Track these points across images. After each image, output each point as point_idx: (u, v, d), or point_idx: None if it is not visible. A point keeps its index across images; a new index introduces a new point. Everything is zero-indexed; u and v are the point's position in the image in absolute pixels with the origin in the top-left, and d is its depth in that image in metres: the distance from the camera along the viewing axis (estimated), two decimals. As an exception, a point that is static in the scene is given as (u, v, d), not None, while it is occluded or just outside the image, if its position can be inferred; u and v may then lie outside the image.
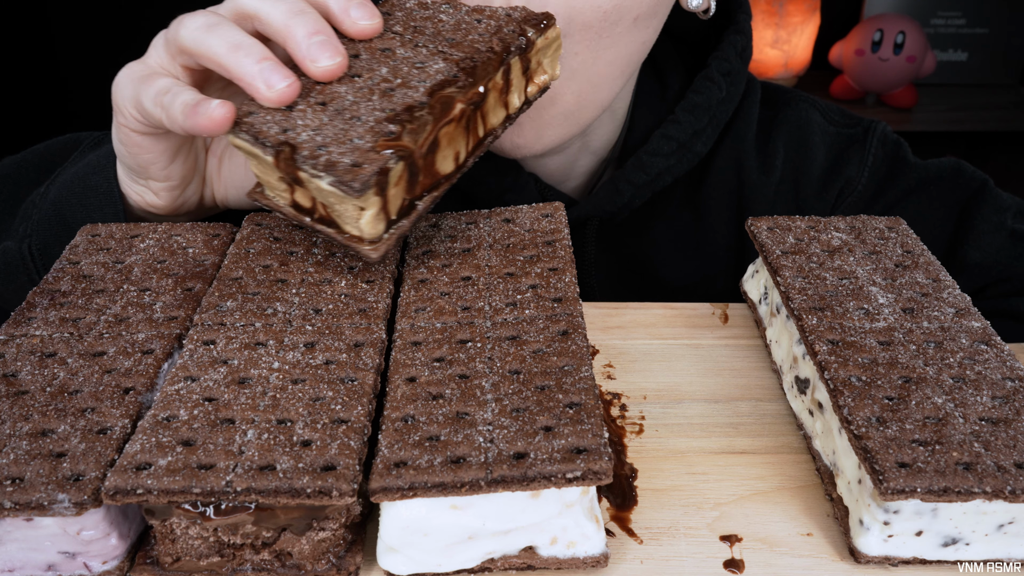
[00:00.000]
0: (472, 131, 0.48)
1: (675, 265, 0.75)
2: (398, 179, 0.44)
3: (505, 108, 0.51)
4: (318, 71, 0.46)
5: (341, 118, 0.44)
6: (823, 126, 0.75)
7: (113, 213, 0.57)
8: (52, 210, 0.60)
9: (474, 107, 0.47)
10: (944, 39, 2.06)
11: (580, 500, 0.37)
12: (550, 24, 0.50)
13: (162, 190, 0.56)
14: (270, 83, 0.45)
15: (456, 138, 0.47)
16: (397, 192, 0.44)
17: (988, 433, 0.38)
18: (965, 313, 0.46)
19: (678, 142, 0.67)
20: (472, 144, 0.49)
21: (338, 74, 0.47)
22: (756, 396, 0.50)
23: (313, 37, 0.46)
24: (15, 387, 0.41)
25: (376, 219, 0.44)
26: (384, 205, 0.44)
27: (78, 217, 0.58)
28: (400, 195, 0.45)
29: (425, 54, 0.48)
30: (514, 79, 0.50)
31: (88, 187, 0.59)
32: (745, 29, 0.70)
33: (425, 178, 0.46)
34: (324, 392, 0.39)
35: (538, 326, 0.44)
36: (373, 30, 0.49)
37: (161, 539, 0.37)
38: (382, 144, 0.42)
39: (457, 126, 0.46)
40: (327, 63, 0.46)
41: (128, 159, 0.54)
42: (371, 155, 0.42)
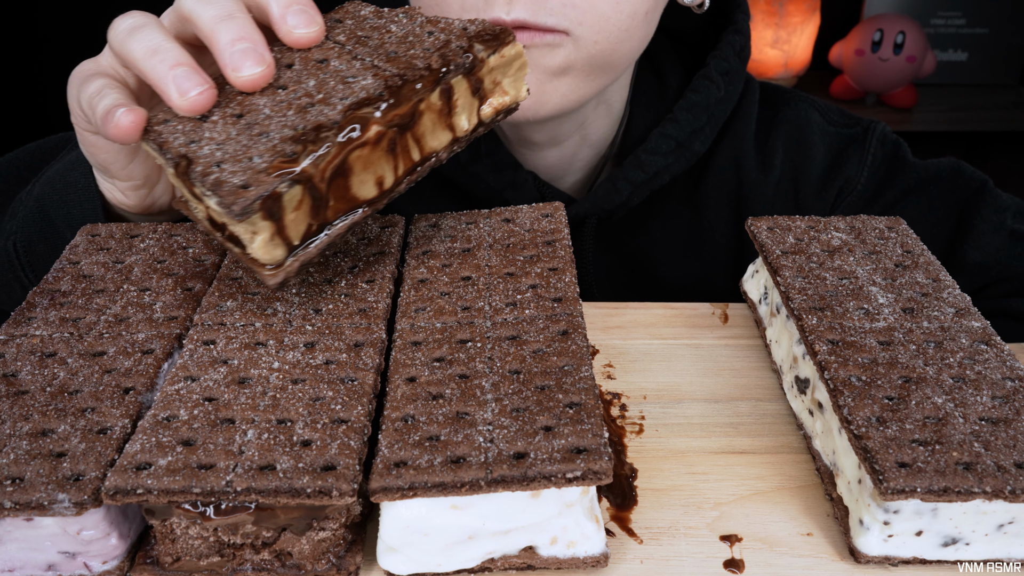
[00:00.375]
0: (402, 154, 0.45)
1: (674, 264, 0.75)
2: (297, 203, 0.41)
3: (451, 131, 0.47)
4: (239, 81, 0.44)
5: (248, 133, 0.42)
6: (822, 126, 0.75)
7: (92, 210, 0.57)
8: (36, 207, 0.60)
9: (399, 129, 0.44)
10: (944, 39, 2.06)
11: (580, 500, 0.37)
12: (507, 41, 0.46)
13: (127, 189, 0.55)
14: (182, 90, 0.44)
15: (376, 161, 0.44)
16: (299, 217, 0.41)
17: (988, 433, 0.38)
18: (965, 313, 0.46)
19: (676, 141, 0.67)
20: (403, 168, 0.45)
21: (260, 85, 0.44)
22: (756, 396, 0.50)
23: (237, 44, 0.44)
24: (15, 387, 0.41)
25: (269, 244, 0.41)
26: (280, 231, 0.41)
27: (60, 214, 0.58)
28: (303, 220, 0.42)
29: (358, 68, 0.45)
30: (460, 100, 0.46)
31: (68, 184, 0.59)
32: (743, 29, 0.70)
33: (338, 202, 0.43)
34: (324, 392, 0.39)
35: (538, 326, 0.44)
36: (310, 39, 0.47)
37: (161, 539, 0.37)
38: (275, 167, 0.40)
39: (375, 149, 0.43)
40: (248, 73, 0.44)
41: (90, 158, 0.54)
42: (262, 177, 0.39)
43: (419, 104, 0.44)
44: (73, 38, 1.95)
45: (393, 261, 0.50)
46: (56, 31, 1.98)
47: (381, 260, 0.50)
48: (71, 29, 1.96)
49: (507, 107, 0.49)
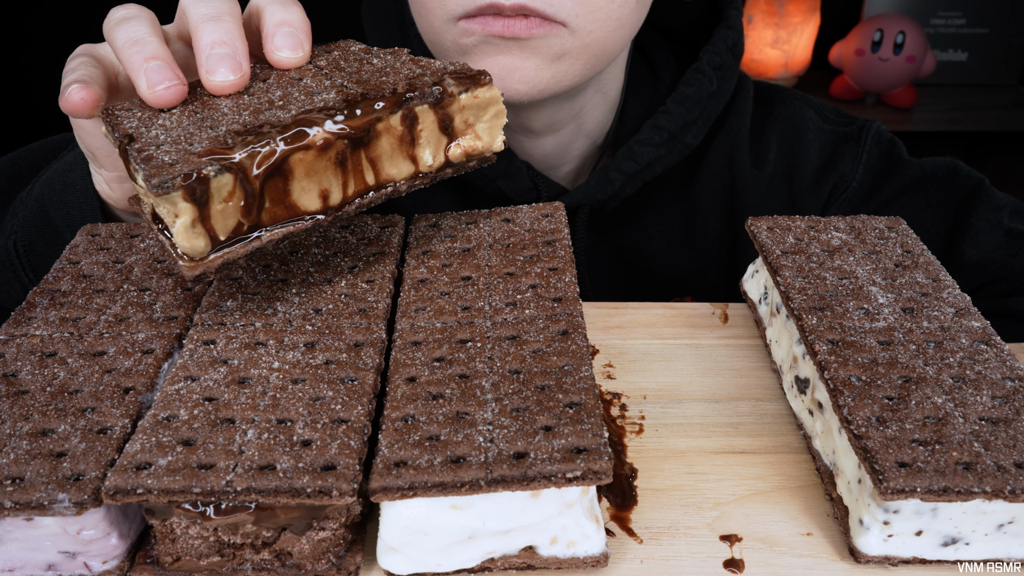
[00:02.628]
0: (354, 172, 0.44)
1: (666, 257, 0.76)
2: (227, 195, 0.40)
3: (413, 163, 0.46)
4: (210, 83, 0.44)
5: (200, 124, 0.42)
6: (817, 123, 0.76)
7: (90, 209, 0.58)
8: (35, 207, 0.60)
9: (352, 143, 0.43)
10: (944, 39, 2.05)
11: (580, 500, 0.37)
12: (482, 83, 0.46)
13: (112, 181, 0.56)
14: (151, 82, 0.44)
15: (322, 172, 0.43)
16: (227, 211, 0.41)
17: (988, 433, 0.38)
18: (965, 313, 0.46)
19: (668, 132, 0.68)
20: (355, 187, 0.45)
21: (230, 91, 0.45)
22: (756, 396, 0.50)
23: (216, 48, 0.44)
24: (15, 387, 0.41)
25: (190, 231, 0.40)
26: (203, 220, 0.40)
27: (59, 213, 0.59)
28: (232, 215, 0.41)
29: (327, 86, 0.45)
30: (424, 132, 0.46)
31: (67, 184, 0.59)
32: (736, 25, 0.71)
33: (275, 207, 0.42)
34: (324, 392, 0.39)
35: (538, 326, 0.44)
36: (292, 63, 0.47)
37: (161, 539, 0.37)
38: (207, 151, 0.40)
39: (320, 157, 0.43)
40: (220, 78, 0.44)
41: (80, 144, 0.54)
42: (191, 159, 0.39)
43: (376, 123, 0.44)
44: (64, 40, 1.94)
45: (393, 261, 0.50)
46: (47, 33, 1.98)
47: (381, 260, 0.50)
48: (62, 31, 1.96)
49: (480, 153, 0.49)
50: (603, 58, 0.62)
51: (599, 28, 0.59)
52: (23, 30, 1.97)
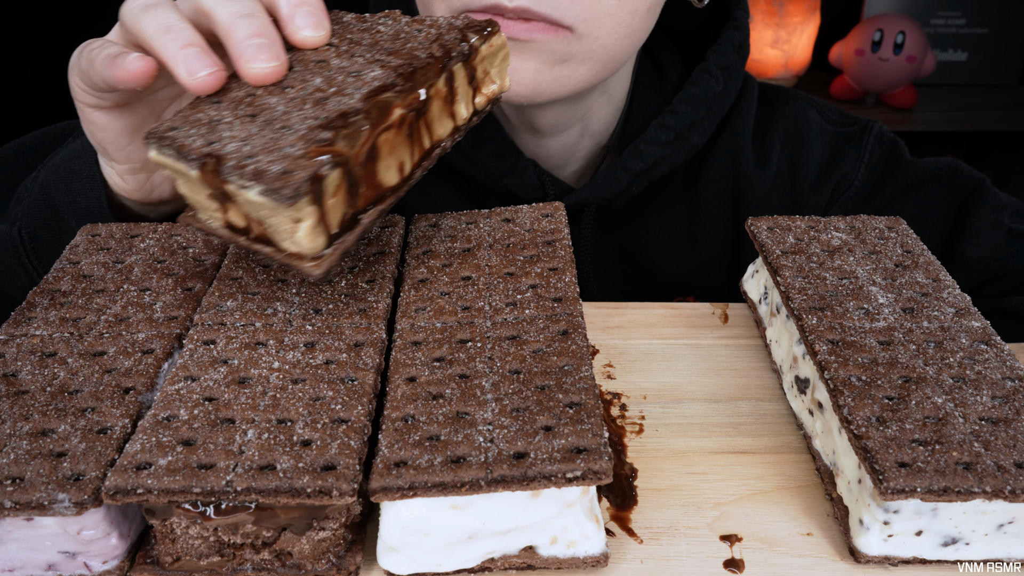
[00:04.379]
0: (417, 140, 0.46)
1: (670, 256, 0.76)
2: (336, 188, 0.41)
3: (452, 119, 0.48)
4: (251, 72, 0.44)
5: (271, 128, 0.42)
6: (820, 124, 0.76)
7: (96, 198, 0.57)
8: (41, 194, 0.60)
9: (416, 114, 0.44)
10: (944, 39, 2.05)
11: (580, 500, 0.37)
12: (494, 31, 0.48)
13: (125, 173, 0.56)
14: (191, 69, 0.44)
15: (398, 147, 0.44)
16: (337, 203, 0.41)
17: (988, 433, 0.38)
18: (965, 313, 0.46)
19: (675, 132, 0.68)
20: (418, 155, 0.46)
21: (273, 79, 0.44)
22: (756, 396, 0.50)
23: (252, 39, 0.44)
24: (15, 387, 0.41)
25: (314, 232, 0.41)
26: (322, 217, 0.41)
27: (64, 201, 0.59)
28: (340, 207, 0.42)
29: (362, 63, 0.45)
30: (459, 88, 0.47)
31: (73, 171, 0.59)
32: (743, 25, 0.71)
33: (368, 190, 0.43)
34: (324, 392, 0.39)
35: (538, 326, 0.44)
36: (316, 41, 0.47)
37: (161, 539, 0.37)
38: (314, 151, 0.40)
39: (398, 134, 0.44)
40: (260, 66, 0.44)
41: (90, 137, 0.54)
42: (302, 162, 0.39)
43: (430, 89, 0.45)
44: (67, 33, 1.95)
45: (393, 261, 0.50)
46: (50, 28, 1.98)
47: (381, 260, 0.50)
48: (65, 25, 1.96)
49: (495, 95, 0.50)
50: (610, 65, 0.62)
51: (607, 35, 0.59)
52: (26, 25, 1.98)
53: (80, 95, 0.51)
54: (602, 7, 0.57)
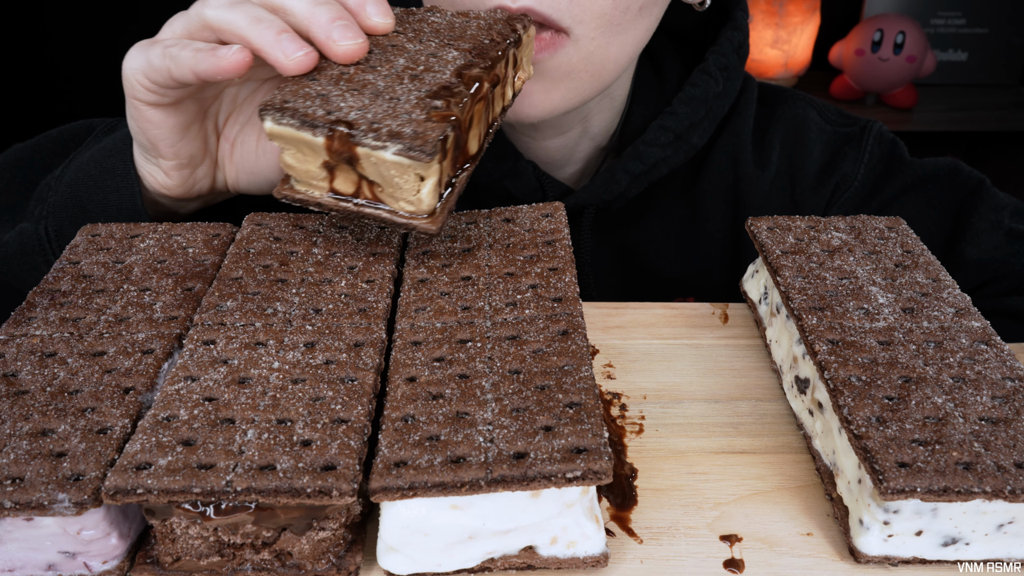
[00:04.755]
0: (490, 115, 0.50)
1: (670, 257, 0.76)
2: (450, 151, 0.45)
3: (502, 99, 0.53)
4: (341, 50, 0.48)
5: (382, 98, 0.45)
6: (820, 124, 0.76)
7: (129, 195, 0.58)
8: (68, 192, 0.61)
9: (491, 89, 0.49)
10: (944, 39, 2.05)
11: (580, 500, 0.37)
12: (530, 23, 0.54)
13: (171, 169, 0.57)
14: (287, 52, 0.47)
15: (480, 119, 0.49)
16: (447, 165, 0.45)
17: (988, 433, 0.38)
18: (965, 313, 0.46)
19: (675, 133, 0.68)
20: (485, 129, 0.51)
21: (360, 55, 0.48)
22: (756, 396, 0.50)
23: (336, 21, 0.48)
24: (15, 387, 0.41)
25: (435, 189, 0.45)
26: (440, 175, 0.45)
27: (95, 199, 0.59)
28: (448, 169, 0.46)
29: (435, 46, 0.50)
30: (509, 72, 0.52)
31: (104, 169, 0.60)
32: (742, 26, 0.71)
33: (461, 156, 0.48)
34: (324, 392, 0.39)
35: (538, 326, 0.44)
36: (386, 27, 0.51)
37: (161, 539, 0.37)
38: (436, 115, 0.44)
39: (483, 106, 0.48)
40: (349, 43, 0.48)
41: (139, 135, 0.55)
42: (429, 124, 0.43)
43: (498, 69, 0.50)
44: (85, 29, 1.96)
45: (393, 261, 0.50)
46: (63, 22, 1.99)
47: (381, 260, 0.50)
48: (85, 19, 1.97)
49: (524, 81, 0.56)
50: (609, 68, 0.62)
51: (602, 35, 0.59)
52: (40, 22, 1.98)
53: (140, 93, 0.52)
54: (597, 7, 0.57)
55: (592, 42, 0.59)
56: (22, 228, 0.61)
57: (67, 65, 2.02)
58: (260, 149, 0.59)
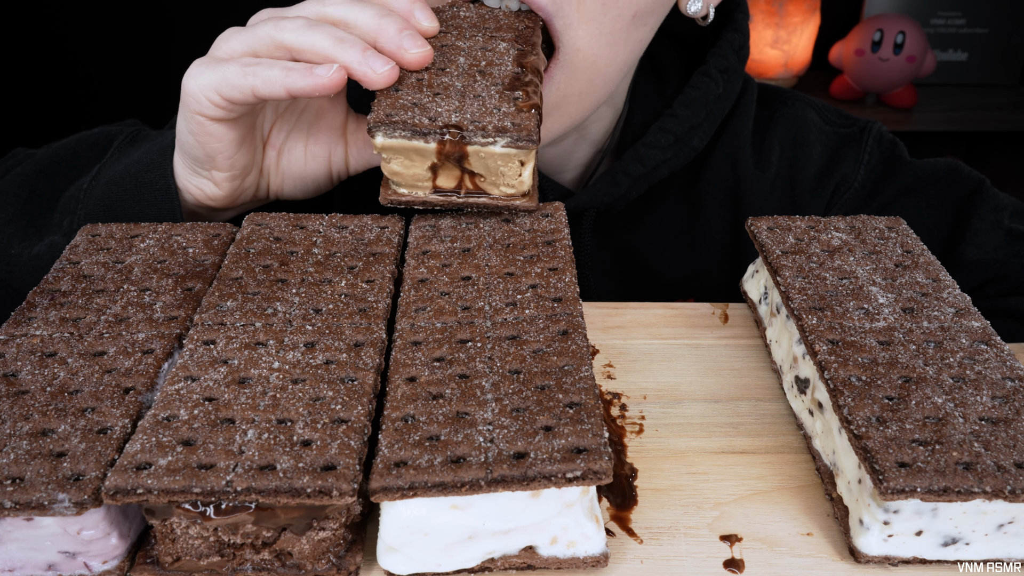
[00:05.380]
0: None
1: (670, 259, 0.76)
2: None
3: None
4: (414, 57, 0.51)
5: (468, 96, 0.50)
6: (819, 125, 0.76)
7: (169, 209, 0.59)
8: (101, 206, 0.61)
9: None
10: (944, 39, 2.05)
11: (580, 500, 0.37)
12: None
13: (224, 180, 0.58)
14: (375, 68, 0.50)
15: None
16: None
17: (988, 433, 0.38)
18: (965, 313, 0.46)
19: (675, 135, 0.68)
20: None
21: (430, 59, 0.52)
22: (756, 396, 0.50)
23: (404, 31, 0.52)
24: (15, 387, 0.41)
25: (534, 171, 0.51)
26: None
27: (131, 213, 0.60)
28: None
29: (482, 40, 0.54)
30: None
31: (142, 184, 0.60)
32: (743, 28, 0.71)
33: None
34: (324, 392, 0.39)
35: (538, 326, 0.44)
36: (434, 31, 0.55)
37: (161, 539, 0.37)
38: (523, 105, 0.49)
39: None
40: (420, 50, 0.52)
41: (196, 149, 0.56)
42: (522, 115, 0.48)
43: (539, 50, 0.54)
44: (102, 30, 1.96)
45: (393, 261, 0.50)
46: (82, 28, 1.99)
47: (381, 260, 0.50)
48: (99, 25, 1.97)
49: None
50: (582, 114, 0.64)
51: (589, 44, 0.59)
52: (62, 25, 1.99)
53: (208, 109, 0.53)
54: (585, 12, 0.57)
55: (578, 53, 0.59)
56: (53, 241, 0.61)
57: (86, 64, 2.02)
58: (309, 154, 0.61)
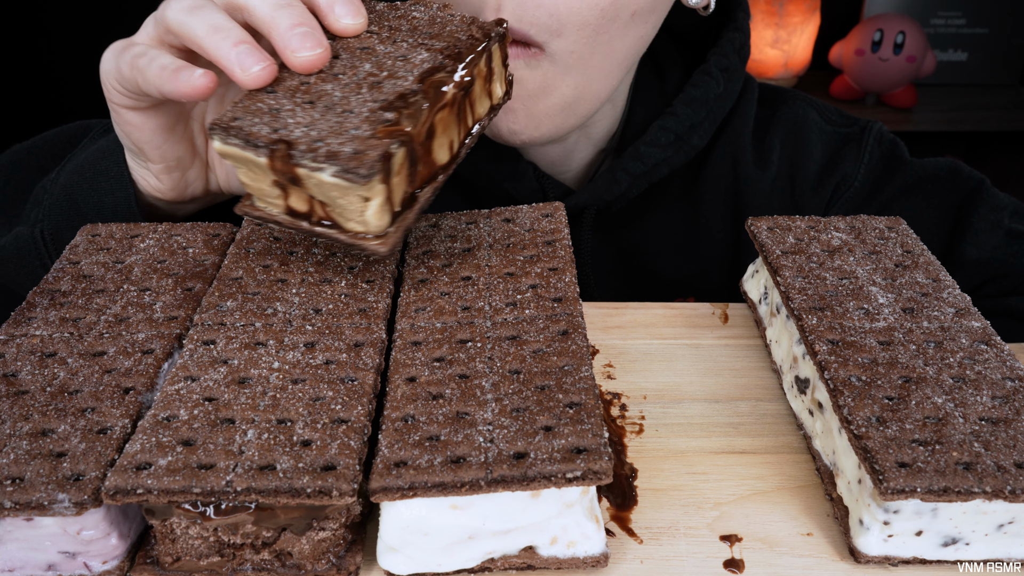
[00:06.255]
0: (463, 119, 0.48)
1: (670, 257, 0.76)
2: (400, 167, 0.42)
3: (489, 98, 0.50)
4: (299, 61, 0.45)
5: (333, 112, 0.43)
6: (820, 124, 0.76)
7: (124, 198, 0.58)
8: (63, 195, 0.60)
9: (464, 93, 0.46)
10: (944, 39, 2.05)
11: (580, 500, 0.37)
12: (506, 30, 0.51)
13: (160, 172, 0.56)
14: (244, 65, 0.45)
15: (449, 126, 0.46)
16: (399, 181, 0.43)
17: (988, 433, 0.38)
18: (965, 313, 0.46)
19: (675, 134, 0.68)
20: (463, 132, 0.48)
21: (319, 65, 0.46)
22: (756, 396, 0.50)
23: (296, 28, 0.45)
24: (15, 387, 0.41)
25: (382, 209, 0.42)
26: (388, 195, 0.42)
27: (89, 202, 0.59)
28: (402, 185, 0.43)
29: (406, 47, 0.47)
30: (495, 67, 0.50)
31: (98, 172, 0.59)
32: (743, 27, 0.71)
33: (424, 168, 0.45)
34: (324, 392, 0.39)
35: (538, 326, 0.44)
36: (356, 29, 0.48)
37: (161, 539, 0.37)
38: (382, 131, 0.41)
39: (450, 112, 0.46)
40: (308, 53, 0.45)
41: (124, 139, 0.54)
42: (371, 142, 0.41)
43: (474, 69, 0.47)
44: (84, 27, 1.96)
45: (393, 261, 0.50)
46: (64, 21, 1.99)
47: (381, 260, 0.50)
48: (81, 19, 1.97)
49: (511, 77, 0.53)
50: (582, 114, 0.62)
51: (582, 46, 0.58)
52: (38, 21, 1.98)
53: (116, 97, 0.52)
54: (580, 18, 0.56)
55: (571, 55, 0.58)
56: (18, 232, 0.61)
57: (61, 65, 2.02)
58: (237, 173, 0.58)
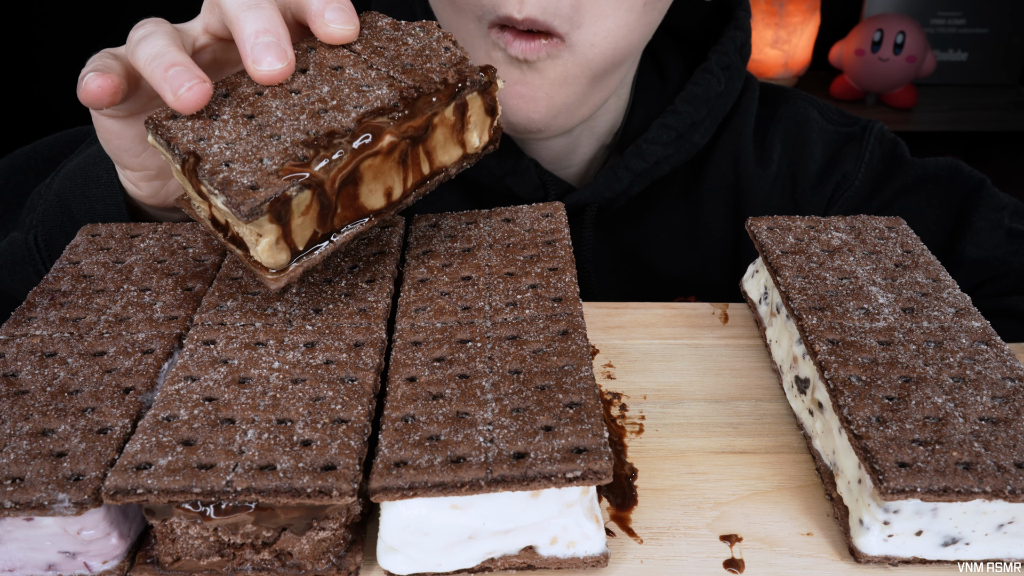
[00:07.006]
0: (412, 166, 0.45)
1: (671, 255, 0.76)
2: (305, 208, 0.41)
3: (462, 147, 0.47)
4: (257, 73, 0.44)
5: (259, 134, 0.42)
6: (821, 124, 0.76)
7: (115, 204, 0.58)
8: (56, 201, 0.60)
9: (412, 141, 0.44)
10: (944, 39, 2.05)
11: (580, 500, 0.37)
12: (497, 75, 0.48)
13: (140, 180, 0.56)
14: (173, 87, 0.43)
15: (387, 172, 0.44)
16: (305, 222, 0.42)
17: (988, 433, 0.38)
18: (965, 313, 0.46)
19: (676, 132, 0.68)
20: (412, 180, 0.46)
21: (278, 80, 0.44)
22: (756, 396, 0.50)
23: (260, 36, 0.44)
24: (15, 387, 0.41)
25: (274, 248, 0.41)
26: (286, 235, 0.41)
27: (81, 208, 0.59)
28: (309, 226, 0.42)
29: (373, 77, 0.45)
30: (473, 116, 0.47)
31: (90, 178, 0.59)
32: (744, 26, 0.71)
33: (345, 211, 0.43)
34: (324, 392, 0.39)
35: (538, 326, 0.44)
36: (346, 37, 0.47)
37: (161, 539, 0.37)
38: (287, 169, 0.40)
39: (387, 159, 0.44)
40: (267, 68, 0.44)
41: (104, 145, 0.54)
42: (272, 180, 0.39)
43: (433, 118, 0.44)
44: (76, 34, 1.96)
45: (393, 261, 0.50)
46: (57, 29, 1.99)
47: (381, 260, 0.50)
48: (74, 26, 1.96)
49: (499, 126, 0.50)
50: (614, 71, 0.62)
51: (603, 40, 0.59)
52: (31, 32, 1.98)
53: None
54: (599, 9, 0.57)
55: (592, 49, 0.59)
56: (12, 237, 0.61)
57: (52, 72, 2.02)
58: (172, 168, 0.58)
